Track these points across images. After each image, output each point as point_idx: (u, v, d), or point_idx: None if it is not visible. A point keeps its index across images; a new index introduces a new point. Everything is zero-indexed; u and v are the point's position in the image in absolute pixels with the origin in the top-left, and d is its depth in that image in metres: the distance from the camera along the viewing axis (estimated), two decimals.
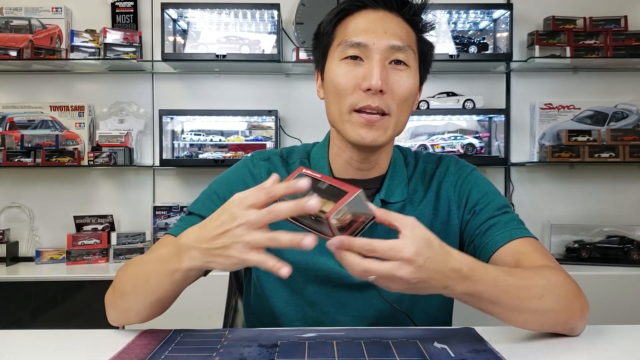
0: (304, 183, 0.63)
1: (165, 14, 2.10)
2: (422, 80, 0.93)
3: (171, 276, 0.72)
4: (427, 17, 0.91)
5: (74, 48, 2.15)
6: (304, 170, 0.68)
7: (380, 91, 0.83)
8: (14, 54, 2.09)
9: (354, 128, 0.85)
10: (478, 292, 0.69)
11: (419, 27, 0.90)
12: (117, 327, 0.83)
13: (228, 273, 1.24)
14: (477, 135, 2.27)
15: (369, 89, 0.83)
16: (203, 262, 0.68)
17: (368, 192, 0.92)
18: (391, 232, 0.72)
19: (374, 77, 0.82)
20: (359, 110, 0.85)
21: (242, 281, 1.09)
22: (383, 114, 0.85)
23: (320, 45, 0.93)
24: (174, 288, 0.75)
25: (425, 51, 0.92)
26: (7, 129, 2.19)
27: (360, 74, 0.85)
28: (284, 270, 0.63)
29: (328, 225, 0.63)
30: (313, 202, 0.62)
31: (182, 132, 2.26)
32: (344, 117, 0.86)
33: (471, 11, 2.18)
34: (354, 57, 0.85)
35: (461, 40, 2.21)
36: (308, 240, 0.63)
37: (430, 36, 0.93)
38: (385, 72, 0.84)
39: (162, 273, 0.74)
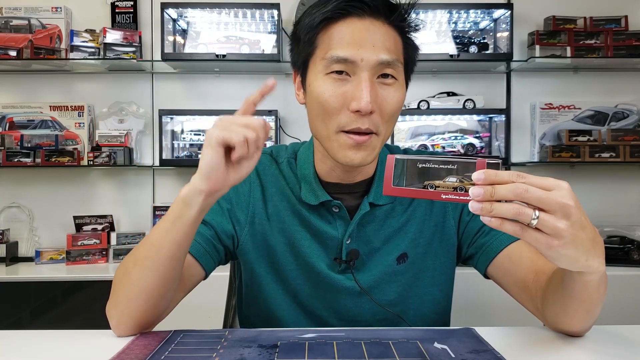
0: (271, 82, 0.72)
1: (165, 13, 2.10)
2: (406, 86, 0.88)
3: (178, 224, 0.73)
4: (413, 18, 0.85)
5: (73, 48, 2.15)
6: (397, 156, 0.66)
7: (370, 112, 0.79)
8: (13, 53, 2.09)
9: (341, 149, 0.81)
10: (603, 274, 0.67)
11: (406, 31, 0.85)
12: None
13: (228, 273, 1.24)
14: (477, 135, 2.27)
15: (357, 110, 0.78)
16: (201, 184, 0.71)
17: (355, 195, 0.91)
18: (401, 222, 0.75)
19: (364, 99, 0.77)
20: (347, 131, 0.81)
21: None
22: (371, 132, 0.81)
23: (300, 52, 0.86)
24: (179, 244, 0.74)
25: (411, 56, 0.87)
26: (6, 129, 2.19)
27: (348, 93, 0.79)
28: (269, 80, 0.72)
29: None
30: None
31: (182, 132, 2.26)
32: (331, 137, 0.82)
33: (471, 11, 2.18)
34: (340, 72, 0.80)
35: (461, 40, 2.21)
36: (270, 80, 0.72)
37: (414, 38, 0.87)
38: (375, 91, 0.79)
39: (169, 223, 0.74)
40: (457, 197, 0.61)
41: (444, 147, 2.22)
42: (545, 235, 0.59)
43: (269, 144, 2.20)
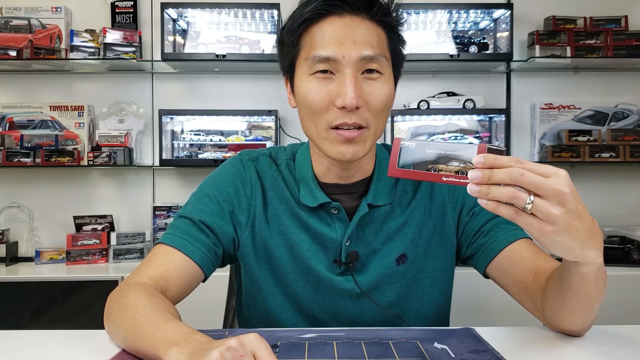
0: None
1: (165, 13, 2.10)
2: (396, 80, 0.88)
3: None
4: (397, 13, 0.85)
5: (73, 48, 2.15)
6: (403, 143, 0.67)
7: (356, 107, 0.79)
8: (13, 53, 2.09)
9: (333, 146, 0.82)
10: (601, 267, 0.67)
11: (389, 26, 0.84)
12: None
13: (228, 273, 1.24)
14: (477, 135, 2.27)
15: (343, 107, 0.79)
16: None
17: (354, 196, 0.91)
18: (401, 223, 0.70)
19: (348, 95, 0.78)
20: (336, 127, 0.81)
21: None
22: (360, 127, 0.81)
23: (286, 56, 0.87)
24: None
25: (397, 50, 0.86)
26: (6, 129, 2.19)
27: (333, 91, 0.80)
28: None
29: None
30: None
31: (182, 132, 2.26)
32: (322, 135, 0.83)
33: (471, 11, 2.18)
34: (324, 71, 0.81)
35: (461, 40, 2.21)
36: None
37: (401, 32, 0.87)
38: (359, 86, 0.80)
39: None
40: (457, 180, 0.63)
41: None
42: (539, 220, 0.60)
43: (268, 144, 2.20)
